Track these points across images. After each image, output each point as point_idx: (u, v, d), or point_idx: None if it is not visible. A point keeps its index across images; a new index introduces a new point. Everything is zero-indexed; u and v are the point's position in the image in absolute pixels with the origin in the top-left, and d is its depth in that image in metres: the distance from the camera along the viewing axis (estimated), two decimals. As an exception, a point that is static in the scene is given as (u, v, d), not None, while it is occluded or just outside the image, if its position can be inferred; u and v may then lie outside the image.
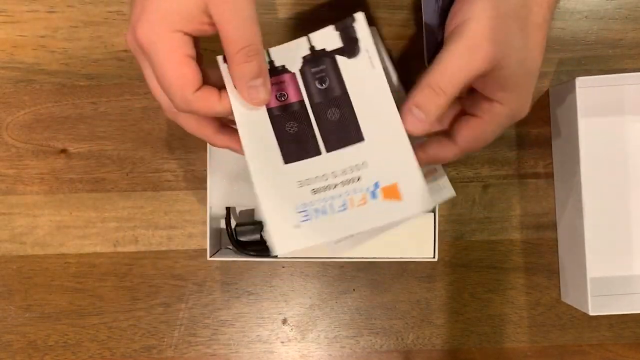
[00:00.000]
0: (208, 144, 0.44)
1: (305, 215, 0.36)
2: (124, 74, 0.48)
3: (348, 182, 0.37)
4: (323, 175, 0.37)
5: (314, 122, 0.38)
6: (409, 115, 0.35)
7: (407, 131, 0.36)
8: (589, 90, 0.47)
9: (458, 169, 0.48)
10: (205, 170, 0.46)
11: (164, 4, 0.33)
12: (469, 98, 0.37)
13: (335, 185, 0.37)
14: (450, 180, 0.48)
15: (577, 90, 0.42)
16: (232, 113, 0.36)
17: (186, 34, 0.34)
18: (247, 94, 0.35)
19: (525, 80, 0.35)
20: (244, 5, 0.33)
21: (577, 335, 0.48)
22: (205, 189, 0.45)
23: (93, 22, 0.48)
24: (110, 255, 0.48)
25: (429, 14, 0.40)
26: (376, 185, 0.37)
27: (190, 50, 0.34)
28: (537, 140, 0.49)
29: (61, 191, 0.48)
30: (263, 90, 0.35)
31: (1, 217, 0.48)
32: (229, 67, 0.35)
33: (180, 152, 0.48)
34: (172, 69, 0.33)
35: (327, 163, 0.37)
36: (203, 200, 0.48)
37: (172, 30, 0.33)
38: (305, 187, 0.37)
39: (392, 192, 0.37)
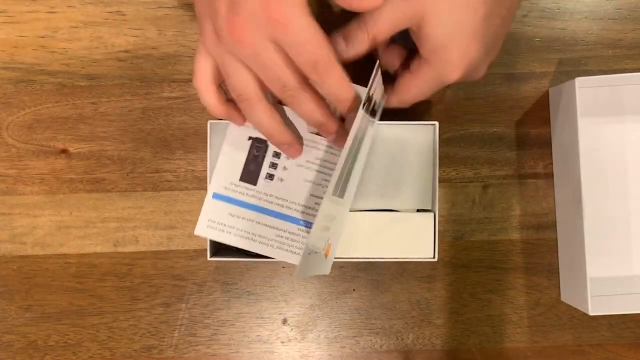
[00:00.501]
0: (208, 143, 0.44)
1: (312, 247, 0.38)
2: (125, 75, 0.48)
3: (326, 228, 0.39)
4: (327, 215, 0.38)
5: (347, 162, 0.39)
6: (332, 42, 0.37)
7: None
8: (589, 91, 0.47)
9: (458, 169, 0.49)
10: (206, 170, 0.46)
11: None
12: (414, 54, 0.39)
13: (326, 228, 0.39)
14: (450, 181, 0.48)
15: (577, 90, 0.42)
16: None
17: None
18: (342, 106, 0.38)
19: (454, 43, 0.36)
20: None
21: (576, 336, 0.48)
22: (206, 189, 0.45)
23: (93, 22, 0.48)
24: (111, 256, 0.48)
25: None
26: (329, 239, 0.40)
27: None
28: (537, 141, 0.49)
29: (61, 191, 0.48)
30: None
31: (1, 217, 0.48)
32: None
33: (181, 153, 0.48)
34: (317, 36, 0.34)
35: (330, 205, 0.38)
36: (203, 200, 0.48)
37: (309, 14, 0.34)
38: (323, 223, 0.38)
39: (328, 249, 0.41)
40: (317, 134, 0.42)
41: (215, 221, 0.42)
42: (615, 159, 0.48)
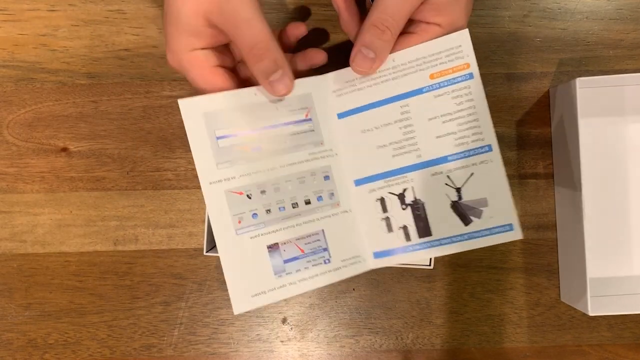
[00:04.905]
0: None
1: None
2: (125, 73, 0.48)
3: None
4: None
5: None
6: (359, 56, 0.37)
7: (357, 73, 0.38)
8: (590, 91, 0.47)
9: (458, 169, 0.48)
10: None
11: (175, 29, 0.35)
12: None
13: None
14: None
15: (578, 90, 0.42)
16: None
17: (204, 49, 0.36)
18: (271, 89, 0.36)
19: (459, 2, 0.37)
20: (241, 7, 0.34)
21: (576, 336, 0.48)
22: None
23: (94, 20, 0.48)
24: (111, 254, 0.48)
25: None
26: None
27: (216, 61, 0.37)
28: (537, 141, 0.49)
29: (62, 190, 0.48)
30: (287, 79, 0.36)
31: (2, 215, 0.48)
32: (250, 69, 0.36)
33: (181, 151, 0.48)
34: (203, 83, 0.36)
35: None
36: (203, 199, 0.48)
37: (189, 50, 0.36)
38: None
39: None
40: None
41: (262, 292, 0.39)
42: (616, 159, 0.48)
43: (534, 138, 0.49)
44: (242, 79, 0.39)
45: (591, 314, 0.42)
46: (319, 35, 0.48)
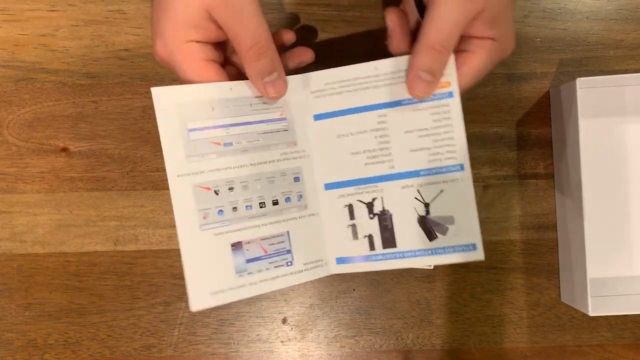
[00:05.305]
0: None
1: None
2: (125, 73, 0.48)
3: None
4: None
5: None
6: (418, 80, 0.36)
7: (415, 97, 0.37)
8: (590, 91, 0.47)
9: (458, 169, 0.48)
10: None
11: (171, 18, 0.34)
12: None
13: None
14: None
15: (578, 91, 0.42)
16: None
17: (199, 41, 0.35)
18: (264, 90, 0.36)
19: (508, 13, 0.36)
20: (245, 4, 0.34)
21: (576, 336, 0.48)
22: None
23: (94, 20, 0.48)
24: (111, 254, 0.48)
25: None
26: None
27: (209, 55, 0.36)
28: (538, 141, 0.49)
29: (62, 190, 0.48)
30: (281, 82, 0.36)
31: (1, 215, 0.48)
32: (244, 67, 0.36)
33: (181, 151, 0.48)
34: (196, 76, 0.35)
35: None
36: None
37: (185, 41, 0.35)
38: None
39: None
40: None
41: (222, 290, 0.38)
42: (616, 159, 0.48)
43: (534, 138, 0.49)
44: (230, 77, 0.39)
45: (591, 314, 0.42)
46: (309, 32, 0.48)
